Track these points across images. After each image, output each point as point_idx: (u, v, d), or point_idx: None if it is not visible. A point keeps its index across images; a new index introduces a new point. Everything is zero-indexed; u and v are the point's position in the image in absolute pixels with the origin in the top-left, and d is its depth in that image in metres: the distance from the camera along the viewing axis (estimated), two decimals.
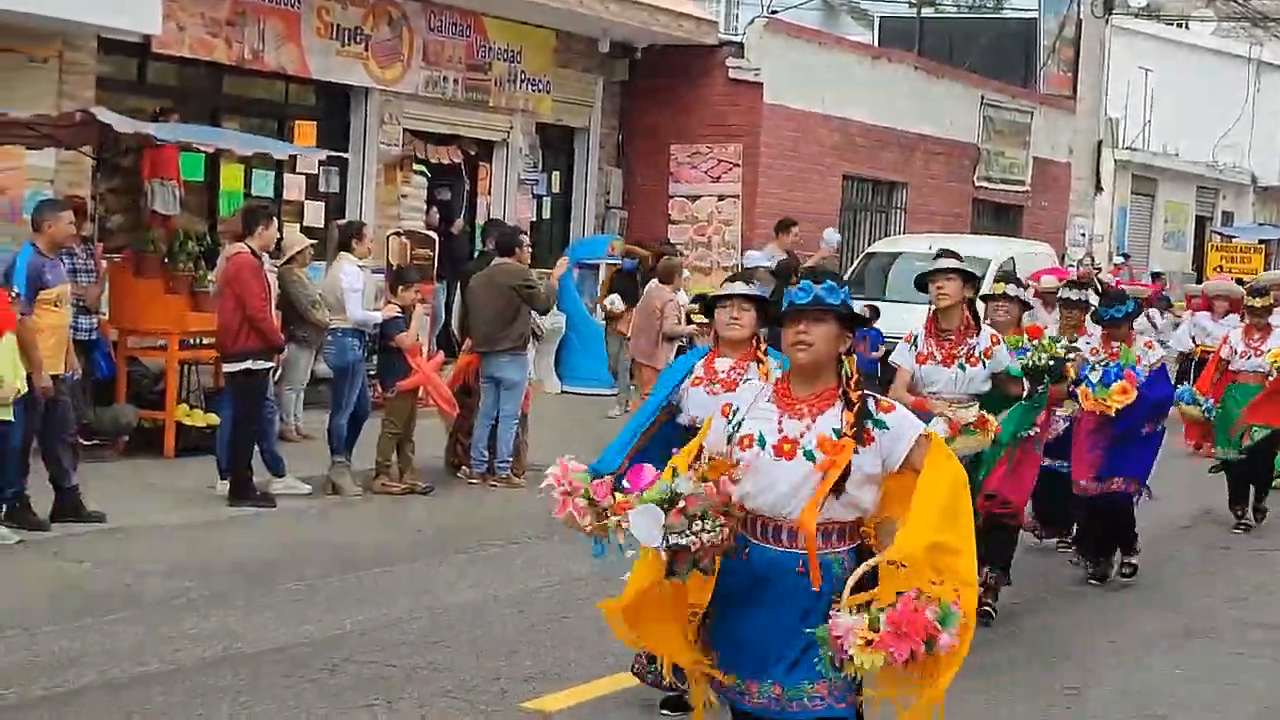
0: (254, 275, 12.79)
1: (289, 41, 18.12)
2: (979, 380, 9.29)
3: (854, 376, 5.34)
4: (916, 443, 5.28)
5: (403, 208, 19.94)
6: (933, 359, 9.28)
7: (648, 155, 23.65)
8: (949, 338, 9.30)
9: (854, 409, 5.27)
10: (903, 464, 5.28)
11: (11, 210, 15.34)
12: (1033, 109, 31.00)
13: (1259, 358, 13.91)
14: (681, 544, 5.01)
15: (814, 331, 5.30)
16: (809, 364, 5.33)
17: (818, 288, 5.35)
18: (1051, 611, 10.73)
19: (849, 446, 5.21)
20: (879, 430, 5.27)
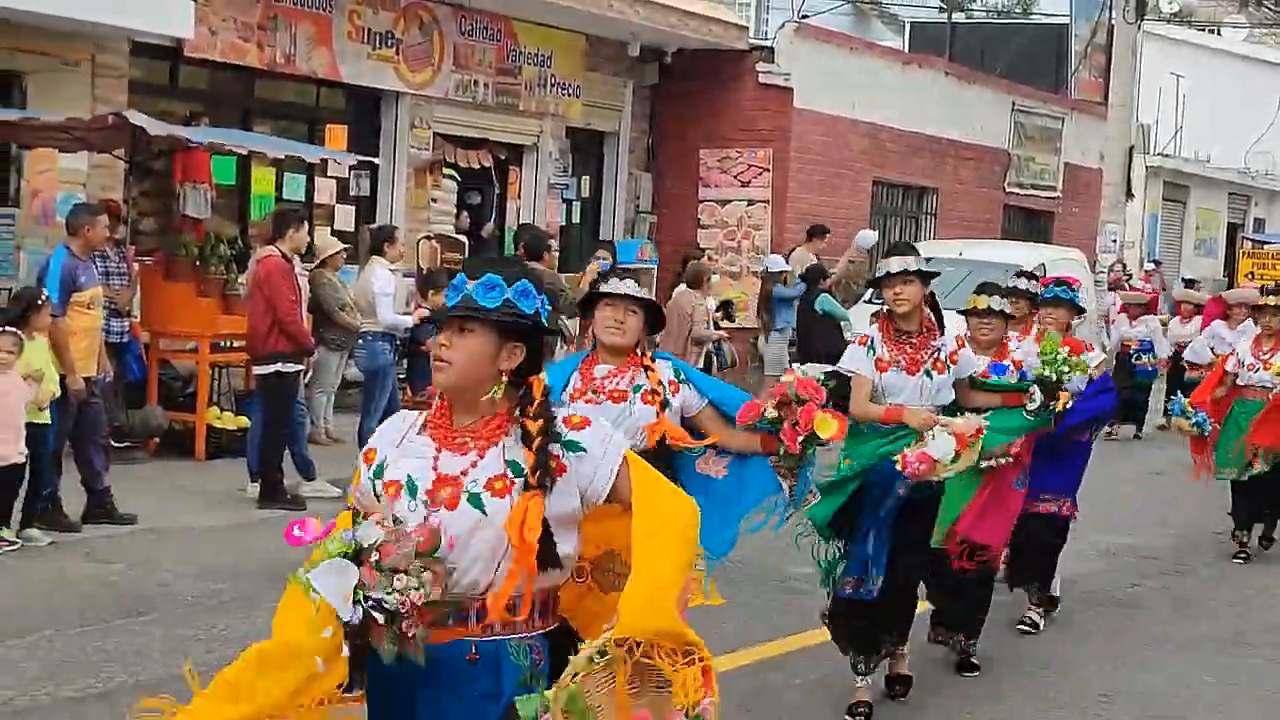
0: (284, 278, 12.82)
1: (320, 45, 18.17)
2: (945, 389, 8.07)
3: (537, 401, 4.14)
4: (621, 468, 4.17)
5: (433, 211, 19.97)
6: (896, 366, 7.95)
7: (677, 160, 23.65)
8: (910, 341, 7.99)
9: (534, 445, 4.08)
10: (609, 494, 4.17)
11: (44, 213, 15.41)
12: (1064, 114, 30.93)
13: (1267, 371, 12.70)
14: (385, 607, 3.90)
15: (457, 345, 4.14)
16: (450, 387, 4.17)
17: (471, 285, 4.15)
18: (1084, 616, 10.69)
19: (537, 502, 4.03)
20: (571, 454, 4.12)
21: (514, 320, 4.13)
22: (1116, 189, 27.54)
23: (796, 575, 11.45)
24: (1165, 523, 14.52)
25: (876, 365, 7.92)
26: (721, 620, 9.94)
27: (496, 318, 4.11)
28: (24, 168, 15.56)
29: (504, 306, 4.12)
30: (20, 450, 10.64)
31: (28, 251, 15.10)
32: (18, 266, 15.09)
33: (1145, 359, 20.84)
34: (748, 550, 12.08)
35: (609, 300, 6.66)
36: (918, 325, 7.98)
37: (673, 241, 22.90)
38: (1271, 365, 12.65)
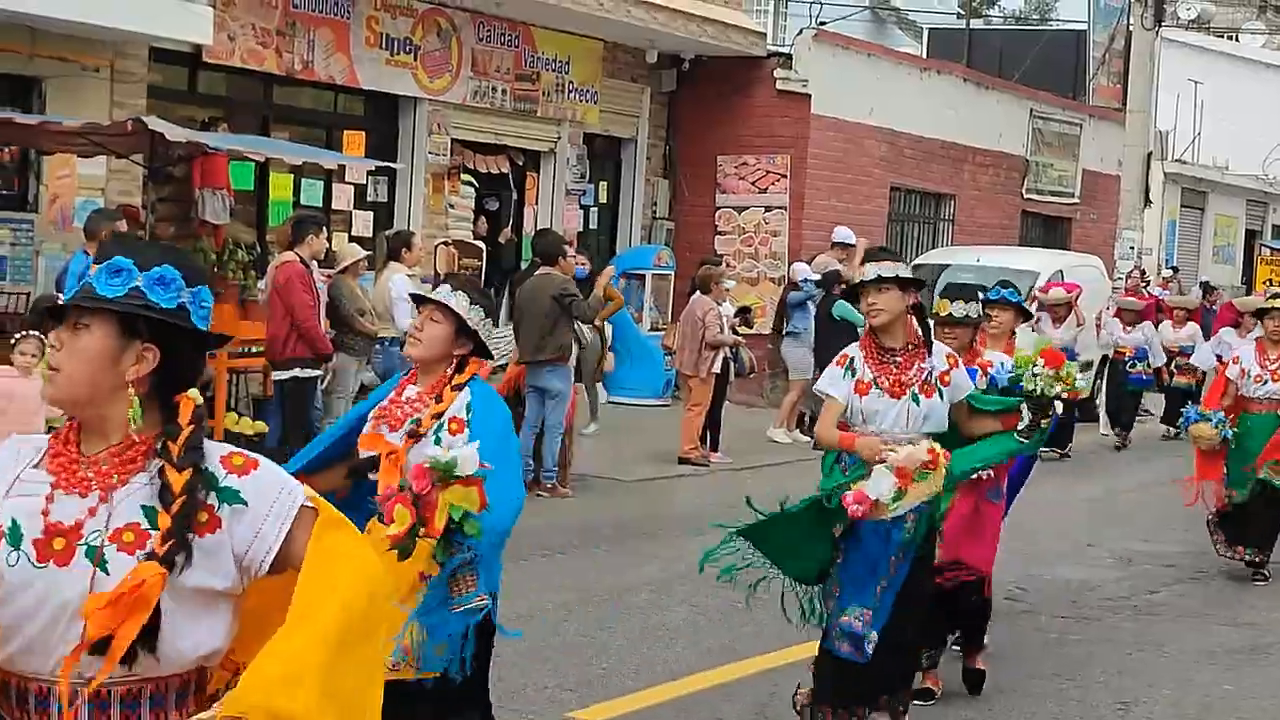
0: (303, 284, 12.85)
1: (338, 51, 18.20)
2: (936, 414, 7.14)
3: (189, 429, 3.20)
4: (297, 523, 3.20)
5: (451, 217, 20.00)
6: (877, 388, 7.10)
7: (695, 166, 23.67)
8: (895, 360, 7.14)
9: (172, 494, 3.11)
10: (275, 561, 3.18)
11: (62, 218, 15.45)
12: (1082, 121, 30.90)
13: (1276, 383, 11.85)
14: None
15: (67, 347, 3.23)
16: (60, 401, 3.23)
17: (94, 273, 3.24)
18: (1103, 625, 10.67)
19: (155, 578, 3.04)
20: (227, 506, 3.17)
21: (142, 314, 3.19)
22: (1134, 195, 27.50)
23: None
24: (1181, 530, 14.47)
25: (856, 388, 7.11)
26: (738, 625, 9.95)
27: (119, 309, 3.19)
28: (43, 173, 15.60)
29: (129, 296, 3.20)
30: None
31: (46, 257, 15.14)
32: (36, 272, 15.13)
33: (1140, 367, 20.54)
34: None
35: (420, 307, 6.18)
36: (903, 341, 7.17)
37: (690, 247, 22.90)
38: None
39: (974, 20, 40.78)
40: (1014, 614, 10.79)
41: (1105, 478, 17.98)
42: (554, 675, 8.65)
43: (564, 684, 8.51)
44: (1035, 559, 12.70)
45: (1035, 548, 13.19)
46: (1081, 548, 13.44)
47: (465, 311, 6.06)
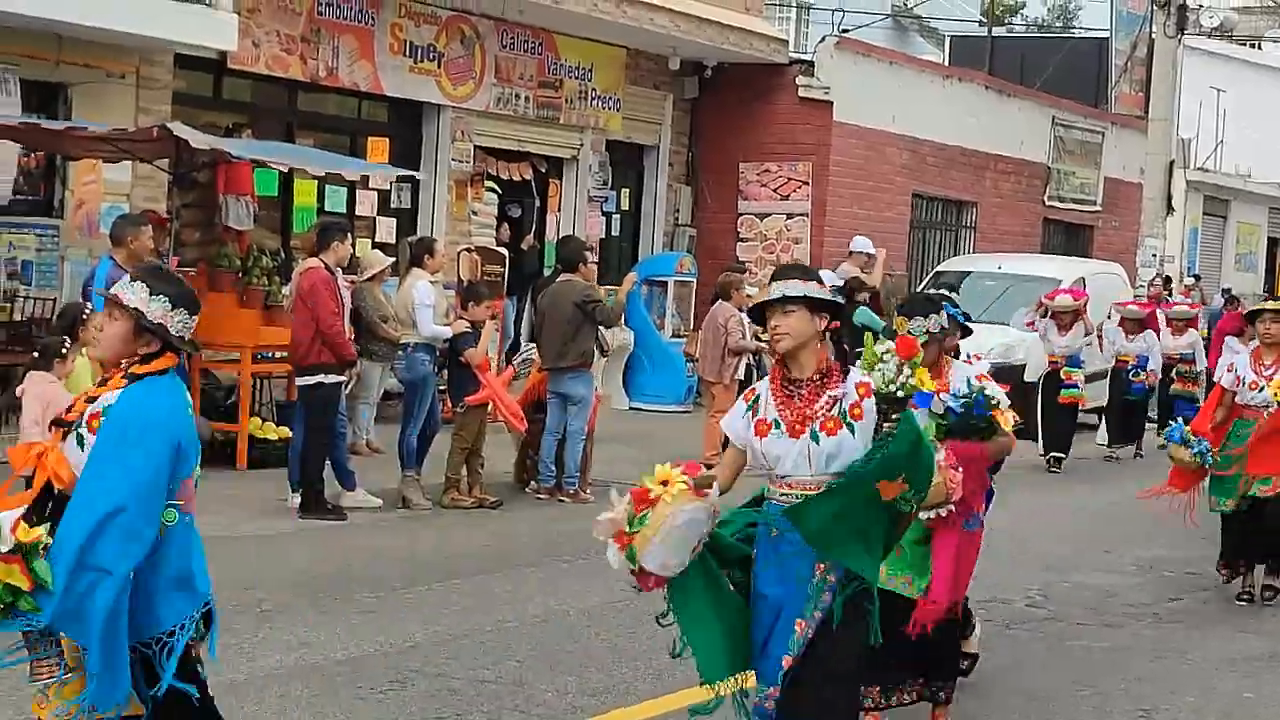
0: (327, 290, 12.89)
1: (363, 59, 18.27)
2: (846, 452, 5.99)
3: None
4: None
5: (474, 224, 20.06)
6: (777, 428, 6.10)
7: (717, 173, 23.71)
8: (800, 393, 6.11)
9: None
10: None
11: (88, 224, 15.54)
12: (1104, 128, 30.88)
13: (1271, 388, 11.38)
14: None
15: None
16: None
17: None
18: (1124, 632, 10.68)
19: None
20: None
21: None
22: (1157, 203, 27.46)
23: None
24: (1203, 537, 14.45)
25: (756, 429, 6.15)
26: None
27: None
28: (68, 178, 15.69)
29: None
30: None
31: (71, 262, 15.24)
32: (62, 277, 15.22)
33: (1142, 375, 19.99)
34: None
35: None
36: (811, 371, 6.15)
37: (712, 254, 22.94)
38: (1273, 382, 11.35)
39: (996, 28, 40.78)
40: (1035, 621, 10.80)
41: (1126, 484, 17.93)
42: (575, 681, 8.68)
43: (585, 689, 8.54)
44: (1056, 566, 12.71)
45: (1056, 555, 13.21)
46: (1102, 555, 13.43)
47: (145, 305, 5.56)
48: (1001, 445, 7.79)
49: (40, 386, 10.59)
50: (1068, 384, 18.81)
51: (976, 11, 43.79)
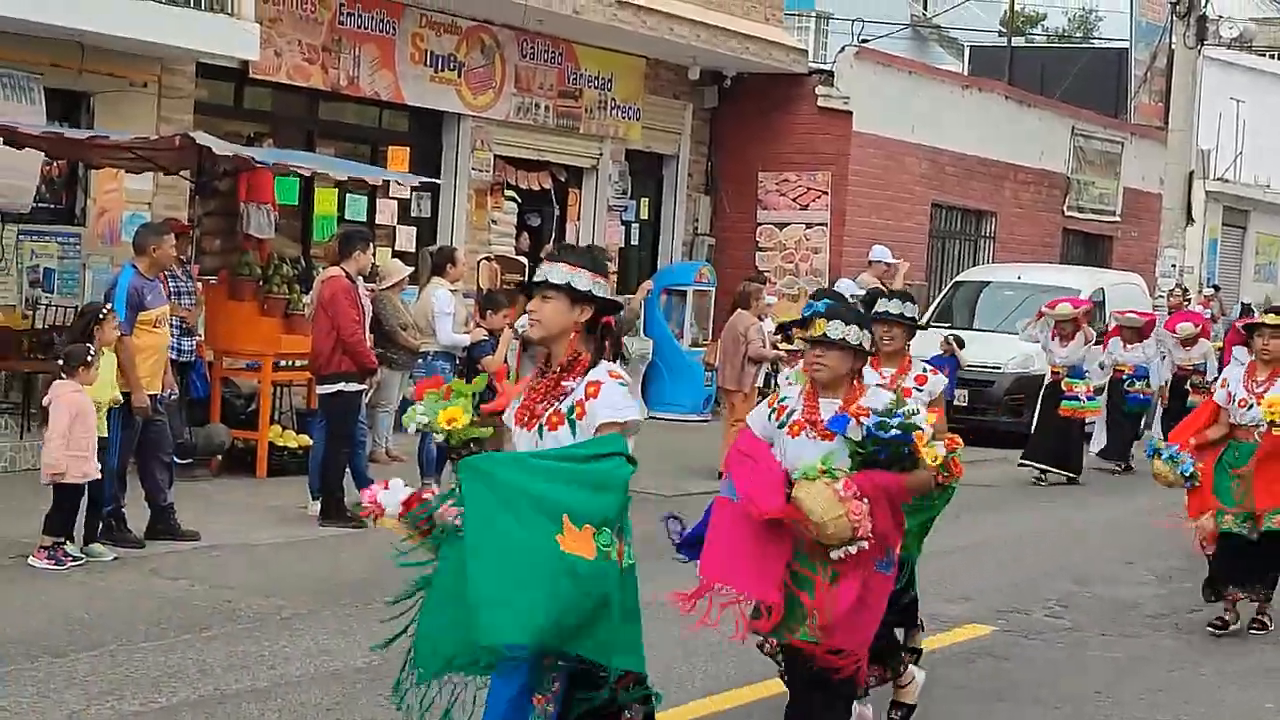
0: (348, 299, 12.92)
1: (383, 68, 18.33)
2: None
3: None
4: None
5: (493, 233, 20.10)
6: (520, 421, 5.95)
7: (736, 182, 23.73)
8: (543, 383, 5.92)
9: None
10: None
11: (110, 232, 15.61)
12: (1124, 139, 30.87)
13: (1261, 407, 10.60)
14: None
15: None
16: None
17: None
18: (1143, 642, 10.67)
19: None
20: None
21: None
22: (1176, 213, 27.43)
23: None
24: None
25: (515, 416, 6.02)
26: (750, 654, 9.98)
27: None
28: (90, 187, 15.75)
29: None
30: (96, 466, 10.80)
31: (93, 270, 15.30)
32: (83, 285, 15.28)
33: (1139, 386, 19.44)
34: None
35: None
36: (563, 361, 5.85)
37: (731, 263, 22.96)
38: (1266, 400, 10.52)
39: (1016, 38, 40.73)
40: (1055, 631, 10.80)
41: (1139, 497, 17.90)
42: None
43: None
44: (1076, 576, 12.70)
45: (1076, 565, 13.20)
46: (1122, 566, 13.42)
47: None
48: (922, 481, 6.75)
49: (67, 396, 10.66)
50: (1069, 396, 18.21)
51: (996, 22, 43.74)
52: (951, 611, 10.93)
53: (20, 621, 9.47)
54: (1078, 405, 18.19)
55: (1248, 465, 10.59)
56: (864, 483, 6.44)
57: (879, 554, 6.58)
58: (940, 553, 12.47)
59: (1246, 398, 10.68)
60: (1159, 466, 10.74)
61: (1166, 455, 10.72)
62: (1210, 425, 10.97)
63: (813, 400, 6.74)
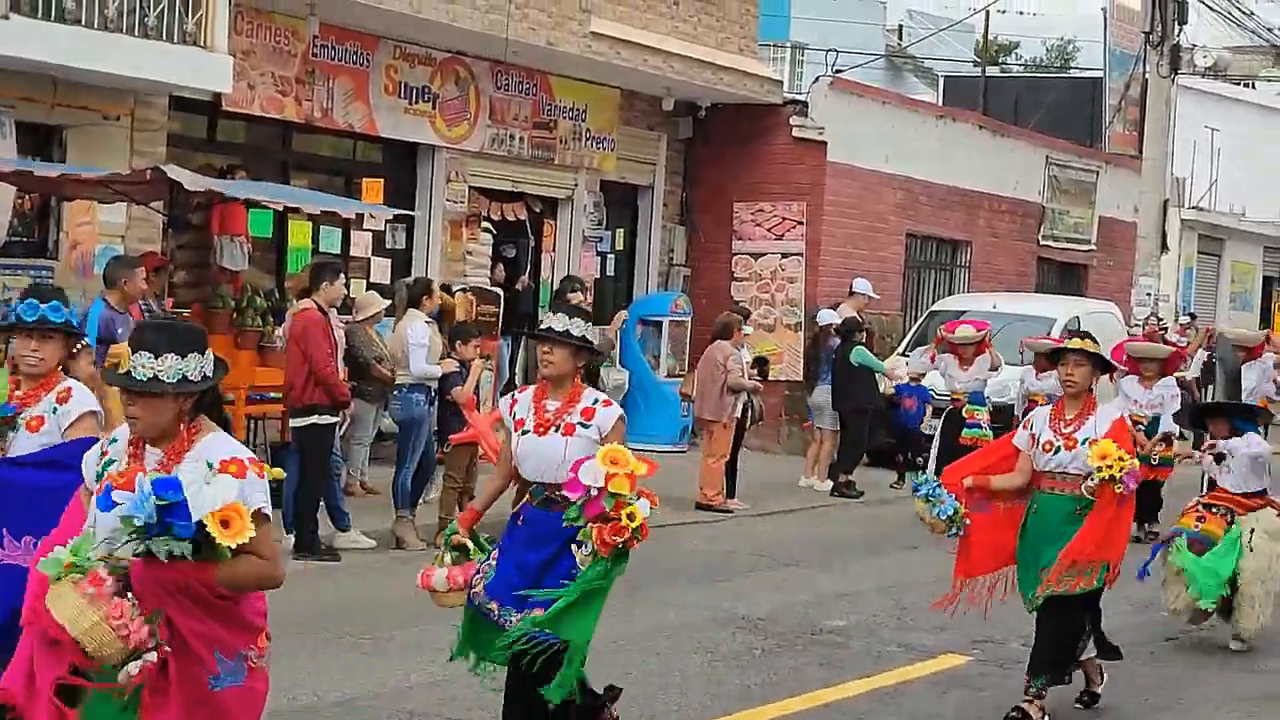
0: (321, 331, 12.90)
1: (357, 100, 18.31)
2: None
3: None
4: None
5: (468, 264, 20.06)
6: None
7: (711, 213, 23.73)
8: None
9: None
10: None
11: (82, 266, 15.54)
12: (1098, 168, 30.95)
13: (1070, 451, 8.88)
14: None
15: None
16: None
17: None
18: (1119, 671, 10.65)
19: None
20: None
21: None
22: (1151, 242, 27.50)
23: (829, 629, 11.47)
24: None
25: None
26: (752, 672, 9.95)
27: None
28: (63, 220, 15.69)
29: None
30: None
31: None
32: None
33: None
34: (778, 604, 12.12)
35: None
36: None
37: (707, 294, 22.95)
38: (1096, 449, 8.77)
39: (990, 68, 40.90)
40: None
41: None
42: None
43: None
44: None
45: None
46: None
47: None
48: (243, 572, 5.12)
49: None
50: (970, 423, 17.10)
51: (970, 52, 43.93)
52: (926, 642, 10.91)
53: None
54: (979, 433, 16.86)
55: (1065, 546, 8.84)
56: (135, 573, 4.93)
57: (208, 665, 5.07)
58: (916, 582, 12.46)
59: (1053, 440, 8.92)
60: (918, 506, 9.23)
61: (924, 492, 9.18)
62: (1000, 470, 9.24)
63: None
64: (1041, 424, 9.07)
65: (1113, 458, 8.67)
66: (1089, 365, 9.00)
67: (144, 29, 14.89)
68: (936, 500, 9.05)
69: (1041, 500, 9.04)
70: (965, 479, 9.20)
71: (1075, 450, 8.84)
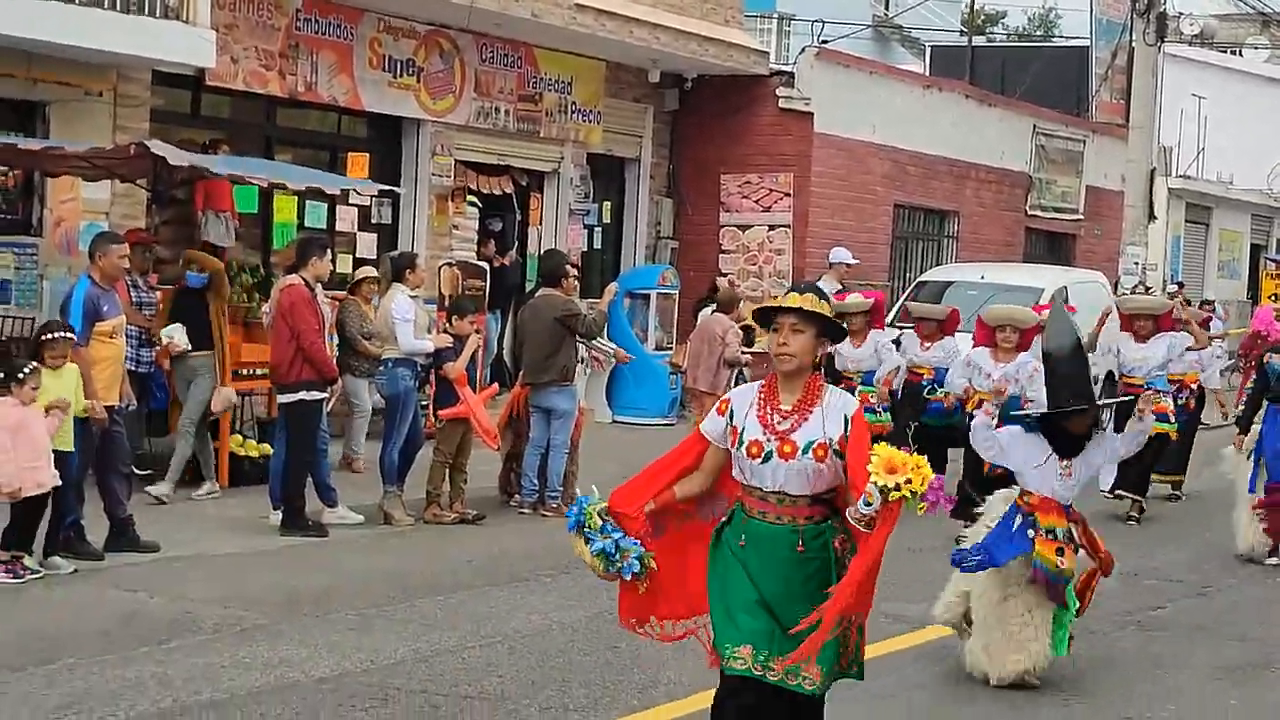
0: (308, 307, 12.85)
1: (341, 73, 18.24)
2: None
3: None
4: None
5: (455, 239, 20.02)
6: None
7: (699, 185, 23.69)
8: None
9: None
10: None
11: (67, 242, 15.49)
12: (1085, 137, 30.93)
13: (787, 462, 6.12)
14: None
15: None
16: None
17: None
18: (1106, 639, 10.65)
19: None
20: None
21: None
22: (1138, 211, 27.50)
23: None
24: (1186, 546, 14.48)
25: None
26: None
27: None
28: (47, 197, 15.64)
29: None
30: (53, 474, 10.68)
31: (51, 280, 15.17)
32: (41, 295, 15.15)
33: (939, 394, 15.06)
34: None
35: None
36: None
37: (695, 266, 22.93)
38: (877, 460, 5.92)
39: (976, 37, 40.83)
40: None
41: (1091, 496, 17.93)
42: (559, 694, 8.65)
43: (569, 704, 8.51)
44: None
45: None
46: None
47: None
48: None
49: (4, 411, 10.55)
50: (866, 408, 14.02)
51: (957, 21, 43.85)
52: (917, 611, 10.89)
53: None
54: (872, 418, 13.90)
55: None
56: None
57: None
58: (902, 552, 12.45)
59: (762, 440, 6.19)
60: (579, 548, 6.46)
61: (599, 546, 6.38)
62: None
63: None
64: (746, 412, 6.28)
65: (908, 468, 5.82)
66: (812, 332, 6.25)
67: (126, 3, 14.83)
68: (615, 560, 6.35)
69: (751, 529, 6.25)
70: (648, 504, 6.41)
71: (795, 461, 6.13)
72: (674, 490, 6.49)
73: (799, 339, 6.22)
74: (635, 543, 6.42)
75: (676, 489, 6.49)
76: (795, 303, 6.25)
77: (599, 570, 6.46)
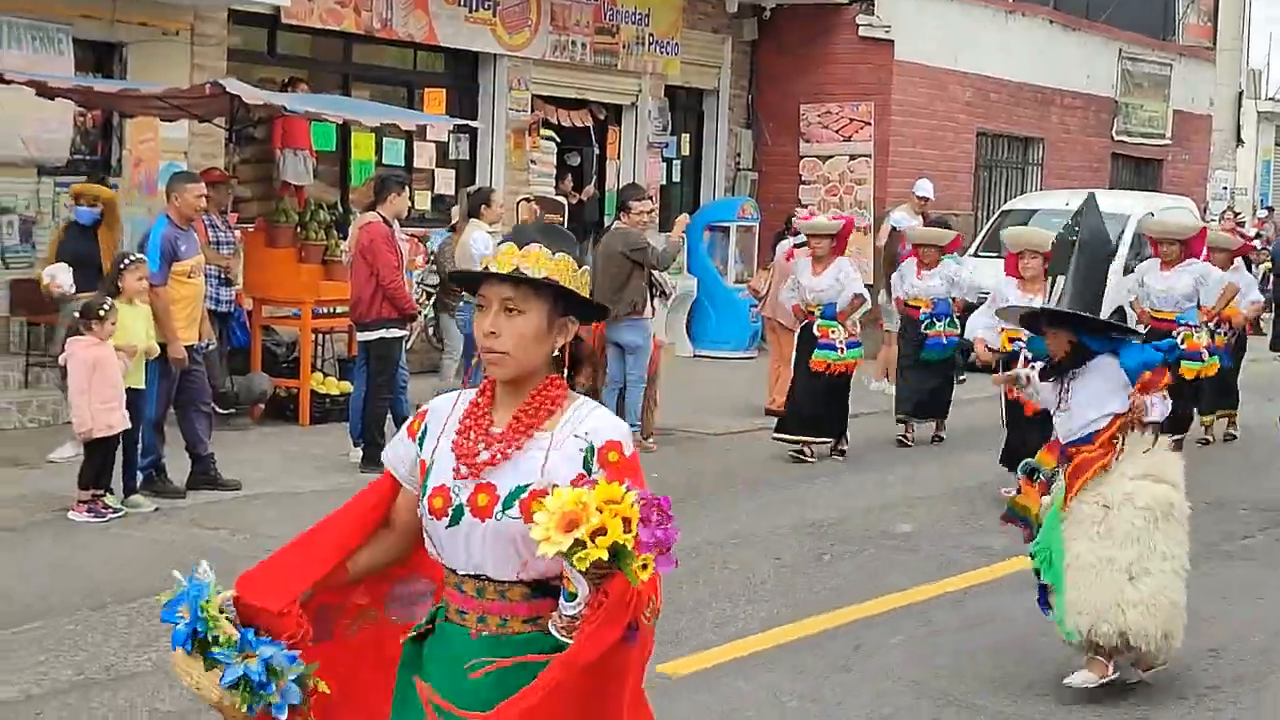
0: (386, 244, 12.83)
1: (417, 9, 18.17)
2: None
3: None
4: None
5: (532, 173, 19.97)
6: None
7: (778, 116, 23.50)
8: None
9: None
10: None
11: (146, 182, 15.56)
12: (1172, 60, 30.46)
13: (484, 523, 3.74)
14: None
15: None
16: None
17: None
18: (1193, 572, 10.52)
19: None
20: None
21: None
22: (1226, 135, 27.14)
23: (897, 533, 11.40)
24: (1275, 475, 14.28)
25: None
26: (821, 579, 9.90)
27: None
28: (126, 137, 15.70)
29: None
30: (124, 415, 10.73)
31: (130, 221, 15.23)
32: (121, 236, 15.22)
33: (939, 327, 14.41)
34: (845, 509, 12.05)
35: None
36: None
37: (774, 198, 22.77)
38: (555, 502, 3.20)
39: None
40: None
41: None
42: None
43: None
44: None
45: None
46: None
47: None
48: None
49: (81, 351, 10.59)
50: (824, 343, 13.67)
51: None
52: (995, 545, 10.78)
53: (59, 574, 9.46)
54: (833, 356, 13.69)
55: None
56: None
57: None
58: (986, 484, 12.36)
59: (451, 487, 4.06)
60: (192, 675, 4.12)
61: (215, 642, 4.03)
62: None
63: None
64: (441, 435, 4.08)
65: (594, 512, 3.61)
66: (542, 310, 3.95)
67: None
68: (264, 692, 3.92)
69: (441, 639, 3.96)
70: (304, 591, 4.10)
71: (492, 521, 3.86)
72: (347, 566, 4.12)
73: (518, 323, 3.88)
74: (293, 656, 3.95)
75: (350, 563, 4.13)
76: (506, 266, 3.86)
77: (236, 711, 3.93)
